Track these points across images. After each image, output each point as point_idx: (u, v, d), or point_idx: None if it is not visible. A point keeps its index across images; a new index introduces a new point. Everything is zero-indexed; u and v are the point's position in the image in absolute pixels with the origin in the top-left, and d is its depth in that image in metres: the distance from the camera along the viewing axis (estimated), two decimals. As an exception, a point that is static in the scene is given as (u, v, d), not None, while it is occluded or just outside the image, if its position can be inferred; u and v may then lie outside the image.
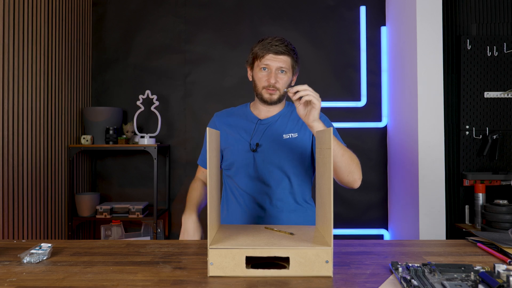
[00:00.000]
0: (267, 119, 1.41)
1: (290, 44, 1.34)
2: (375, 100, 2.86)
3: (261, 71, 1.34)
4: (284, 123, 1.41)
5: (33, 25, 2.21)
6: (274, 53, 1.31)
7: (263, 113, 1.43)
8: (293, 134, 1.38)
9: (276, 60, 1.31)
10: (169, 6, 2.90)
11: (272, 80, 1.32)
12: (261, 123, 1.41)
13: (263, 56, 1.32)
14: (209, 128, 0.87)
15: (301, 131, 1.39)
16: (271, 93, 1.34)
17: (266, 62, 1.32)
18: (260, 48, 1.33)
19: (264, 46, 1.32)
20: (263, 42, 1.33)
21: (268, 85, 1.33)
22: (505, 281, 0.72)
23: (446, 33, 2.65)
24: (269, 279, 0.81)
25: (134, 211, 2.56)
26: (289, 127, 1.40)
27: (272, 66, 1.31)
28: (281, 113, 1.43)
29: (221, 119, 1.47)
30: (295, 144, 1.37)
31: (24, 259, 0.92)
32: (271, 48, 1.31)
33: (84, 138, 2.59)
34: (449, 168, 2.62)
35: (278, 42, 1.31)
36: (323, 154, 0.92)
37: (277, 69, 1.32)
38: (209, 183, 0.88)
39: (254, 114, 1.44)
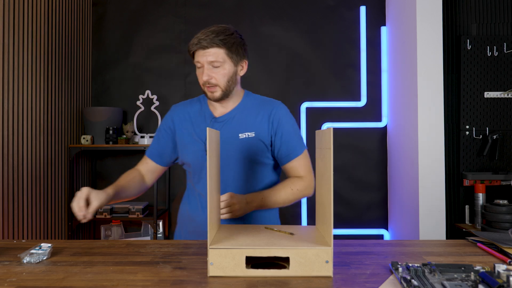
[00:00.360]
0: (222, 117, 1.31)
1: (222, 33, 1.21)
2: (375, 100, 2.86)
3: (197, 69, 1.27)
4: (240, 121, 1.30)
5: (33, 25, 2.21)
6: (201, 48, 1.21)
7: (218, 108, 1.33)
8: (250, 133, 1.28)
9: (204, 55, 1.21)
10: (169, 6, 2.90)
11: (205, 77, 1.22)
12: (216, 121, 1.31)
13: (194, 52, 1.24)
14: (209, 128, 0.87)
15: (258, 129, 1.30)
16: (211, 90, 1.25)
17: (197, 59, 1.23)
18: (191, 45, 1.24)
19: (192, 42, 1.23)
20: (193, 39, 1.24)
21: (203, 82, 1.24)
22: (505, 281, 0.72)
23: (446, 33, 2.65)
24: (269, 279, 0.81)
25: (134, 211, 2.56)
26: (245, 125, 1.29)
27: (202, 61, 1.22)
28: (238, 107, 1.32)
29: (178, 114, 1.37)
30: (252, 144, 1.28)
31: (24, 259, 0.92)
32: (198, 44, 1.21)
33: (84, 138, 2.59)
34: (449, 168, 2.62)
35: (204, 35, 1.20)
36: (323, 154, 0.92)
37: (208, 64, 1.22)
38: (209, 183, 0.88)
39: (210, 109, 1.34)
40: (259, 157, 1.30)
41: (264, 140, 1.29)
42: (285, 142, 1.30)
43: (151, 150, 1.41)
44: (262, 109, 1.32)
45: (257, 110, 1.32)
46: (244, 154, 1.28)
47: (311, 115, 2.86)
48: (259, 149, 1.29)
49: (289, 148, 1.31)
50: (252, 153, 1.29)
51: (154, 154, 1.40)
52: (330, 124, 2.84)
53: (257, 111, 1.32)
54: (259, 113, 1.31)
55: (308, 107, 2.86)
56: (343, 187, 2.86)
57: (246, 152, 1.28)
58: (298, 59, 2.88)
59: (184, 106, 1.38)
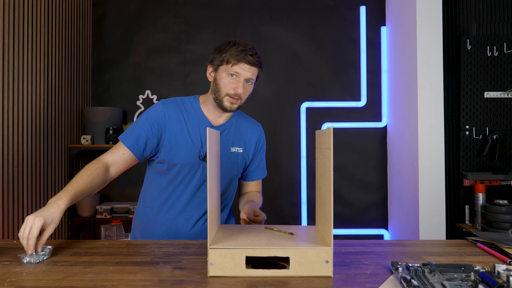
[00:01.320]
0: (219, 127, 1.35)
1: (259, 56, 1.30)
2: (375, 100, 2.86)
3: (228, 77, 1.27)
4: (232, 134, 1.37)
5: (33, 25, 2.21)
6: (248, 63, 1.25)
7: (213, 116, 1.35)
8: (239, 148, 1.38)
9: (247, 71, 1.26)
10: (169, 6, 2.90)
11: (240, 90, 1.25)
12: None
13: (236, 63, 1.25)
14: (209, 128, 0.87)
15: (246, 146, 1.41)
16: (233, 102, 1.28)
17: (237, 70, 1.25)
18: (234, 54, 1.25)
19: (238, 53, 1.25)
20: (237, 48, 1.26)
21: (234, 93, 1.26)
22: (505, 281, 0.72)
23: (446, 33, 2.65)
24: (269, 279, 0.81)
25: (134, 211, 2.56)
26: (237, 140, 1.38)
27: (242, 75, 1.26)
28: (231, 121, 1.38)
29: (171, 109, 1.32)
30: (239, 159, 1.38)
31: (24, 259, 0.92)
32: (246, 58, 1.24)
33: (84, 138, 2.59)
34: (449, 168, 2.62)
35: (252, 52, 1.26)
36: (323, 154, 0.92)
37: (246, 79, 1.27)
38: (209, 183, 0.88)
39: (204, 114, 1.34)
40: (239, 171, 1.41)
41: (247, 157, 1.42)
42: (260, 163, 1.48)
43: (133, 141, 1.28)
44: (252, 129, 1.44)
45: (248, 129, 1.43)
46: (229, 166, 1.36)
47: (311, 115, 2.86)
48: (241, 164, 1.40)
49: (261, 169, 1.49)
50: (236, 167, 1.39)
51: (136, 146, 1.28)
52: (330, 124, 2.84)
53: (247, 130, 1.42)
54: (250, 133, 1.43)
55: (308, 107, 2.86)
56: (343, 187, 2.86)
57: (232, 165, 1.37)
58: (298, 59, 2.88)
59: (177, 104, 1.34)
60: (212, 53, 1.34)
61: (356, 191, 2.86)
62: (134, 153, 1.29)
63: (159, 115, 1.30)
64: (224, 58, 1.27)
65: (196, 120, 1.33)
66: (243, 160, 1.40)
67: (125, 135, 1.30)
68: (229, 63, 1.26)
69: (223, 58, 1.27)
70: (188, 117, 1.33)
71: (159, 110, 1.31)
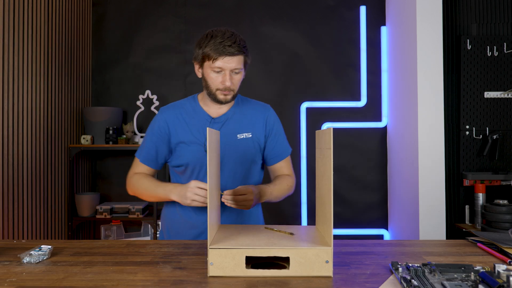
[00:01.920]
0: (220, 118, 1.34)
1: (242, 40, 1.25)
2: (375, 100, 2.86)
3: (213, 72, 1.25)
4: (237, 121, 1.35)
5: (33, 25, 2.21)
6: (228, 55, 1.22)
7: (213, 109, 1.35)
8: (247, 134, 1.34)
9: (230, 62, 1.23)
10: (169, 6, 2.90)
11: (227, 83, 1.24)
12: (215, 122, 1.34)
13: (216, 58, 1.22)
14: (209, 128, 0.87)
15: (254, 130, 1.36)
16: (225, 94, 1.27)
17: (220, 65, 1.23)
18: (213, 50, 1.22)
19: (216, 47, 1.21)
20: (214, 41, 1.22)
21: (223, 87, 1.26)
22: (505, 281, 0.72)
23: (446, 33, 2.65)
24: (269, 279, 0.81)
25: (134, 211, 2.56)
26: (243, 126, 1.35)
27: (225, 68, 1.24)
28: (233, 109, 1.37)
29: (170, 115, 1.35)
30: (249, 145, 1.34)
31: (24, 259, 0.92)
32: (224, 50, 1.21)
33: (84, 138, 2.59)
34: (449, 168, 2.62)
35: (230, 42, 1.21)
36: (323, 154, 0.92)
37: (231, 70, 1.25)
38: (209, 183, 0.88)
39: (204, 110, 1.35)
40: (253, 157, 1.36)
41: (260, 141, 1.37)
42: (277, 143, 1.41)
43: (145, 156, 1.37)
44: (258, 111, 1.40)
45: (253, 112, 1.39)
46: (241, 153, 1.33)
47: (311, 115, 2.86)
48: (254, 149, 1.36)
49: (280, 149, 1.41)
50: (248, 153, 1.35)
51: (149, 160, 1.37)
52: (330, 124, 2.84)
53: (252, 113, 1.39)
54: (255, 115, 1.39)
55: (308, 107, 2.86)
56: (343, 187, 2.86)
57: (243, 152, 1.34)
58: (298, 59, 2.88)
59: (175, 108, 1.37)
60: (194, 49, 1.32)
61: (356, 191, 2.86)
62: (148, 165, 1.38)
63: (161, 123, 1.35)
64: (205, 54, 1.24)
65: (197, 117, 1.35)
66: (255, 145, 1.36)
67: (138, 151, 1.40)
68: (210, 59, 1.23)
69: (204, 53, 1.25)
70: (189, 117, 1.35)
71: (160, 119, 1.36)
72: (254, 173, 1.39)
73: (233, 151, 1.32)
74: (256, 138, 1.36)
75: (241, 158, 1.33)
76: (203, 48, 1.25)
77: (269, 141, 1.40)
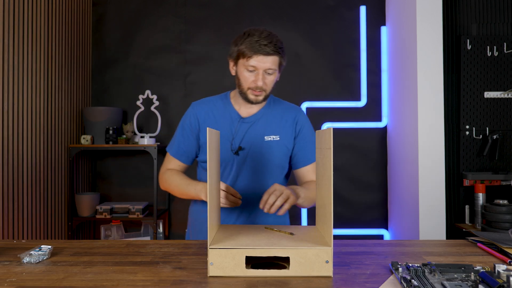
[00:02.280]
0: (250, 118, 1.34)
1: (279, 41, 1.26)
2: (375, 100, 2.86)
3: (247, 71, 1.26)
4: (266, 123, 1.34)
5: (33, 25, 2.21)
6: (263, 55, 1.22)
7: (244, 108, 1.36)
8: (275, 136, 1.33)
9: (264, 62, 1.23)
10: (169, 6, 2.90)
11: (259, 83, 1.24)
12: (243, 122, 1.34)
13: (251, 56, 1.22)
14: (209, 129, 0.87)
15: (283, 133, 1.34)
16: (256, 94, 1.27)
17: (253, 64, 1.23)
18: (248, 47, 1.22)
19: (252, 45, 1.21)
20: (250, 39, 1.22)
21: (255, 86, 1.26)
22: (505, 281, 0.72)
23: (446, 33, 2.65)
24: (269, 279, 0.81)
25: (134, 211, 2.56)
26: (271, 128, 1.34)
27: (259, 67, 1.23)
28: (263, 110, 1.36)
29: (201, 110, 1.37)
30: (276, 148, 1.32)
31: (24, 259, 0.92)
32: (260, 49, 1.21)
33: (84, 138, 2.59)
34: (449, 168, 2.62)
35: (267, 41, 1.22)
36: (323, 154, 0.92)
37: (264, 70, 1.24)
38: (209, 183, 0.88)
39: (235, 109, 1.36)
40: (279, 160, 1.33)
41: (288, 144, 1.35)
42: (304, 146, 1.36)
43: (176, 150, 1.38)
44: (286, 113, 1.38)
45: (282, 114, 1.37)
46: (265, 156, 1.32)
47: (311, 115, 2.86)
48: (281, 152, 1.34)
49: (307, 152, 1.36)
50: (274, 156, 1.32)
51: (181, 154, 1.38)
52: (330, 124, 2.84)
53: (281, 115, 1.37)
54: (283, 117, 1.36)
55: (308, 107, 2.86)
56: (343, 187, 2.86)
57: (270, 155, 1.32)
58: (298, 59, 2.88)
59: (206, 104, 1.38)
60: (230, 46, 1.32)
61: (356, 191, 2.86)
62: (179, 159, 1.39)
63: (191, 118, 1.37)
64: (240, 51, 1.25)
65: (227, 115, 1.35)
66: (282, 148, 1.33)
67: (169, 146, 1.41)
68: (245, 57, 1.24)
69: (239, 51, 1.26)
70: (219, 114, 1.36)
71: (190, 114, 1.38)
72: (277, 177, 1.36)
73: (258, 153, 1.31)
74: (284, 141, 1.34)
75: (266, 161, 1.31)
76: (239, 45, 1.25)
77: (297, 142, 1.36)
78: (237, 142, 1.32)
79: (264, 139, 1.32)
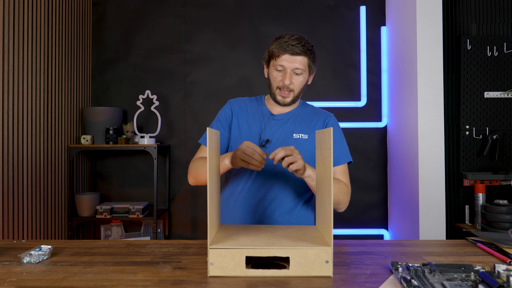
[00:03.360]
0: (280, 115, 1.39)
1: (308, 43, 1.31)
2: (375, 100, 2.86)
3: (276, 71, 1.31)
4: (296, 122, 1.39)
5: (33, 25, 2.21)
6: (290, 54, 1.27)
7: (276, 109, 1.41)
8: (304, 135, 1.36)
9: (292, 61, 1.28)
10: (169, 6, 2.90)
11: (286, 81, 1.29)
12: (273, 119, 1.39)
13: (279, 56, 1.28)
14: (209, 128, 0.87)
15: (312, 133, 1.37)
16: (284, 95, 1.32)
17: (282, 63, 1.28)
18: (277, 47, 1.28)
19: (280, 45, 1.28)
20: (280, 40, 1.29)
21: (282, 85, 1.30)
22: (505, 281, 0.72)
23: (446, 33, 2.65)
24: (269, 279, 0.81)
25: (134, 211, 2.56)
26: (300, 127, 1.38)
27: (287, 67, 1.28)
28: (294, 111, 1.41)
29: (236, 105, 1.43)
30: (304, 146, 1.35)
31: (24, 259, 0.92)
32: (288, 48, 1.27)
33: (84, 138, 2.59)
34: (449, 168, 2.62)
35: (295, 42, 1.27)
36: (323, 154, 0.92)
37: (292, 70, 1.29)
38: (209, 183, 0.88)
39: (267, 108, 1.42)
40: (306, 159, 1.33)
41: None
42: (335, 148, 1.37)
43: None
44: (317, 116, 1.42)
45: (312, 116, 1.41)
46: None
47: (311, 115, 2.86)
48: (309, 151, 1.35)
49: (336, 153, 1.36)
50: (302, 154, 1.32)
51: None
52: (330, 124, 2.84)
53: (312, 117, 1.41)
54: (314, 119, 1.40)
55: (308, 107, 2.86)
56: (343, 187, 2.85)
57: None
58: (298, 59, 2.88)
59: (243, 102, 1.44)
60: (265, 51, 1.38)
61: (356, 191, 2.86)
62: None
63: (226, 112, 1.43)
64: (270, 52, 1.32)
65: (259, 112, 1.41)
66: (311, 146, 1.36)
67: (203, 138, 1.43)
68: (274, 57, 1.30)
69: (269, 52, 1.32)
70: (252, 110, 1.41)
71: (226, 107, 1.44)
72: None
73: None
74: (312, 140, 1.36)
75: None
76: (270, 47, 1.32)
77: None
78: (265, 135, 1.36)
79: (293, 136, 1.36)
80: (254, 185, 1.36)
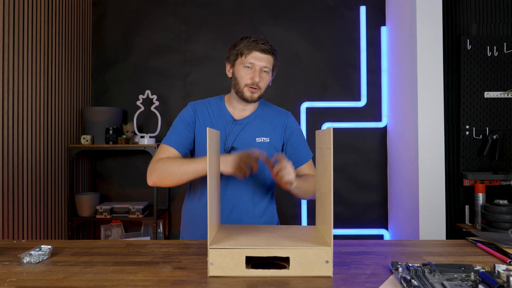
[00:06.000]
0: (242, 120, 1.41)
1: (273, 45, 1.37)
2: (375, 100, 2.86)
3: (244, 69, 1.34)
4: (257, 125, 1.42)
5: (33, 25, 2.21)
6: (260, 51, 1.32)
7: (238, 111, 1.42)
8: (265, 138, 1.40)
9: (260, 59, 1.32)
10: (169, 6, 2.90)
11: (256, 79, 1.32)
12: (236, 124, 1.40)
13: (249, 53, 1.32)
14: (209, 128, 0.87)
15: (273, 135, 1.42)
16: (253, 91, 1.34)
17: (251, 61, 1.32)
18: (246, 45, 1.33)
19: (250, 43, 1.32)
20: (248, 40, 1.34)
21: (252, 83, 1.33)
22: (505, 281, 0.72)
23: (446, 33, 2.65)
24: (269, 279, 0.81)
25: (134, 211, 2.56)
26: (262, 130, 1.41)
27: (257, 64, 1.32)
28: (255, 113, 1.44)
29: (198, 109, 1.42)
30: (266, 149, 1.38)
31: (24, 259, 0.92)
32: (257, 46, 1.31)
33: (84, 138, 2.59)
34: (449, 168, 2.62)
35: (263, 41, 1.33)
36: (323, 154, 0.92)
37: (260, 68, 1.33)
38: (209, 183, 0.88)
39: (229, 111, 1.42)
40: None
41: (277, 146, 1.43)
42: (298, 147, 1.45)
43: (173, 140, 1.37)
44: (276, 118, 1.46)
45: (272, 118, 1.45)
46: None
47: (311, 115, 2.86)
48: (271, 153, 1.38)
49: (300, 154, 1.46)
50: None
51: (177, 143, 1.36)
52: (330, 124, 2.84)
53: (271, 119, 1.45)
54: (273, 121, 1.44)
55: (308, 107, 2.86)
56: (343, 187, 2.86)
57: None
58: (298, 59, 2.88)
59: (204, 105, 1.44)
60: (228, 52, 1.41)
61: (356, 191, 2.86)
62: (177, 149, 1.37)
63: (190, 113, 1.42)
64: (238, 51, 1.35)
65: (222, 117, 1.42)
66: (272, 149, 1.40)
67: (166, 138, 1.39)
68: (243, 55, 1.33)
69: (237, 51, 1.35)
70: (214, 115, 1.42)
71: (189, 109, 1.43)
72: (267, 175, 1.42)
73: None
74: (273, 143, 1.41)
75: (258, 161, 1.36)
76: (237, 46, 1.35)
77: (289, 146, 1.45)
78: (230, 142, 1.39)
79: (255, 140, 1.40)
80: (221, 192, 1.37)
